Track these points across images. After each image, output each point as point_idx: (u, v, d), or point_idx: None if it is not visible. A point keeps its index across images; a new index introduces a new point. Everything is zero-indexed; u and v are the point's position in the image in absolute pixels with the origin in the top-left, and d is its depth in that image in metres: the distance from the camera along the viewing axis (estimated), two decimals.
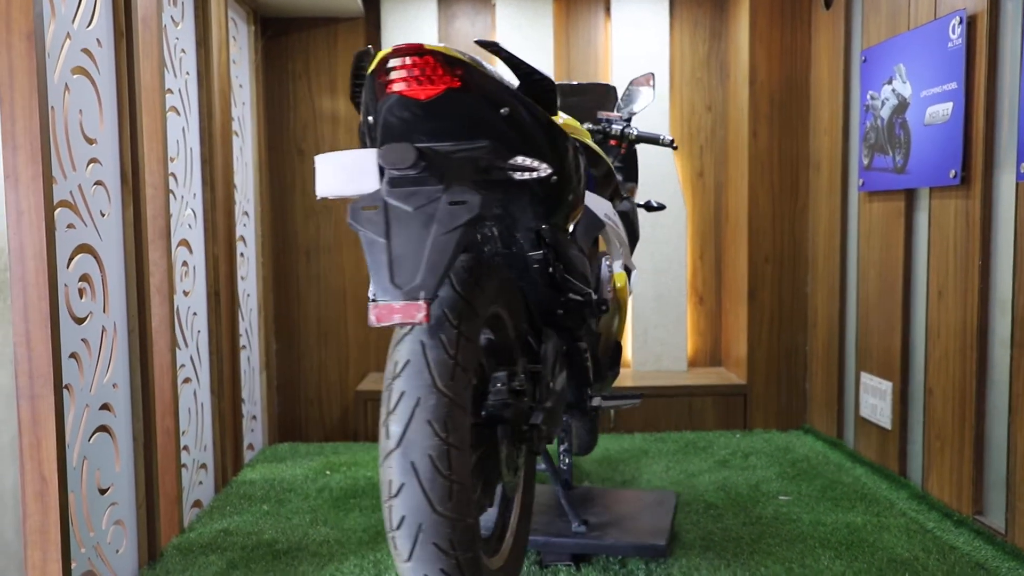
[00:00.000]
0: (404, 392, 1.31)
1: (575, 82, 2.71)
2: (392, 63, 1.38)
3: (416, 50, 1.37)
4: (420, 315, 1.25)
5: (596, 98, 2.64)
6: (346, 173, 1.40)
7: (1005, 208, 2.33)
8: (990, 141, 2.38)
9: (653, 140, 2.41)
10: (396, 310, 1.25)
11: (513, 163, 1.46)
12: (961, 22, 2.43)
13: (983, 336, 2.42)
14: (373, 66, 1.41)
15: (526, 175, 1.46)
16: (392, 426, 1.30)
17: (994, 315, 2.39)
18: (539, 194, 1.58)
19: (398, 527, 1.30)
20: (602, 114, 2.51)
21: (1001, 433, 2.36)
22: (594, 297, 1.81)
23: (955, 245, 2.52)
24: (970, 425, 2.46)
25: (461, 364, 1.33)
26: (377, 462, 3.20)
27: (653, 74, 2.57)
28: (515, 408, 1.55)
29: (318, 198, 1.45)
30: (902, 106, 2.76)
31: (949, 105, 2.51)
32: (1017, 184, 2.25)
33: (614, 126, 2.45)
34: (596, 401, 1.87)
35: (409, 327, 1.33)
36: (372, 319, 1.27)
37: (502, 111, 1.48)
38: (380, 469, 1.32)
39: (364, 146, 1.54)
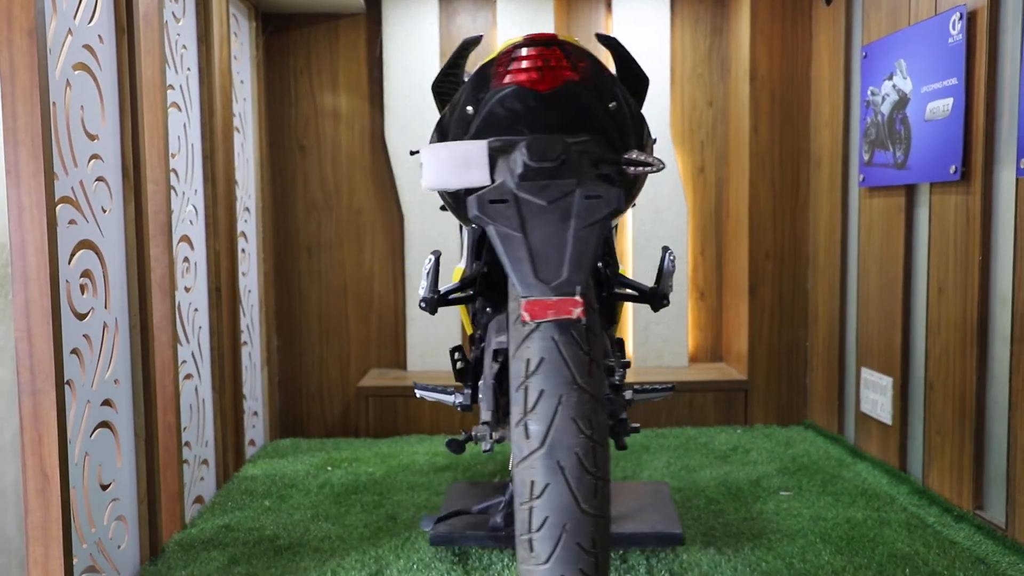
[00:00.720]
0: (543, 390, 1.27)
1: None
2: (520, 52, 1.37)
3: (549, 40, 1.37)
4: (577, 311, 1.24)
5: None
6: (456, 164, 1.40)
7: (1005, 204, 2.33)
8: (990, 137, 2.38)
9: None
10: (550, 306, 1.24)
11: (629, 157, 1.44)
12: (961, 18, 2.43)
13: (983, 331, 2.43)
14: (494, 55, 1.40)
15: (640, 170, 1.44)
16: (533, 426, 1.26)
17: (994, 310, 2.40)
18: (624, 188, 1.56)
19: (539, 528, 1.25)
20: None
21: (1001, 428, 2.36)
22: (656, 290, 1.75)
23: (955, 241, 2.52)
24: (970, 420, 2.46)
25: (594, 359, 1.30)
26: (366, 459, 3.20)
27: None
28: (616, 402, 1.53)
29: (426, 188, 1.43)
30: (902, 102, 2.76)
31: (949, 101, 2.50)
32: (1017, 180, 2.25)
33: None
34: (629, 394, 1.86)
35: (536, 324, 1.29)
36: (526, 316, 1.24)
37: (610, 105, 1.47)
38: (516, 471, 1.28)
39: (444, 138, 1.52)
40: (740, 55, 3.58)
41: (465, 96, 1.47)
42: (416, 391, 2.14)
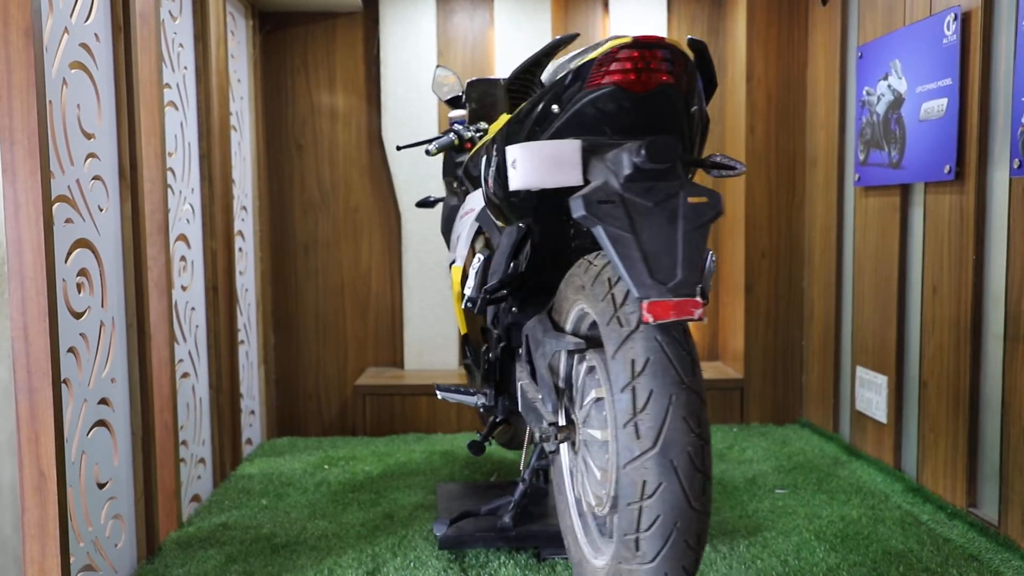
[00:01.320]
0: (652, 391, 1.27)
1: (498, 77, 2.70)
2: (624, 53, 1.38)
3: (654, 42, 1.37)
4: (698, 312, 1.24)
5: None
6: (549, 164, 1.40)
7: (999, 203, 2.34)
8: (984, 137, 2.39)
9: None
10: (672, 307, 1.23)
11: (715, 160, 1.44)
12: (956, 18, 2.44)
13: (977, 330, 2.44)
14: (596, 54, 1.40)
15: (725, 173, 1.45)
16: (644, 426, 1.26)
17: (987, 309, 2.41)
18: None
19: (648, 528, 1.26)
20: None
21: (994, 426, 2.37)
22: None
23: (949, 240, 2.53)
24: (964, 418, 2.47)
25: (695, 358, 1.32)
26: (363, 458, 3.20)
27: None
28: None
29: (514, 188, 1.43)
30: (898, 102, 2.77)
31: (944, 101, 2.51)
32: (1011, 180, 2.26)
33: None
34: None
35: (637, 326, 1.30)
36: (649, 317, 1.23)
37: (692, 109, 1.47)
38: (626, 471, 1.28)
39: (514, 138, 1.52)
40: (736, 56, 3.59)
41: (552, 95, 1.47)
42: (437, 393, 2.18)
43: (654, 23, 3.67)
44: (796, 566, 2.17)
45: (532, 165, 1.41)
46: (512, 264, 1.70)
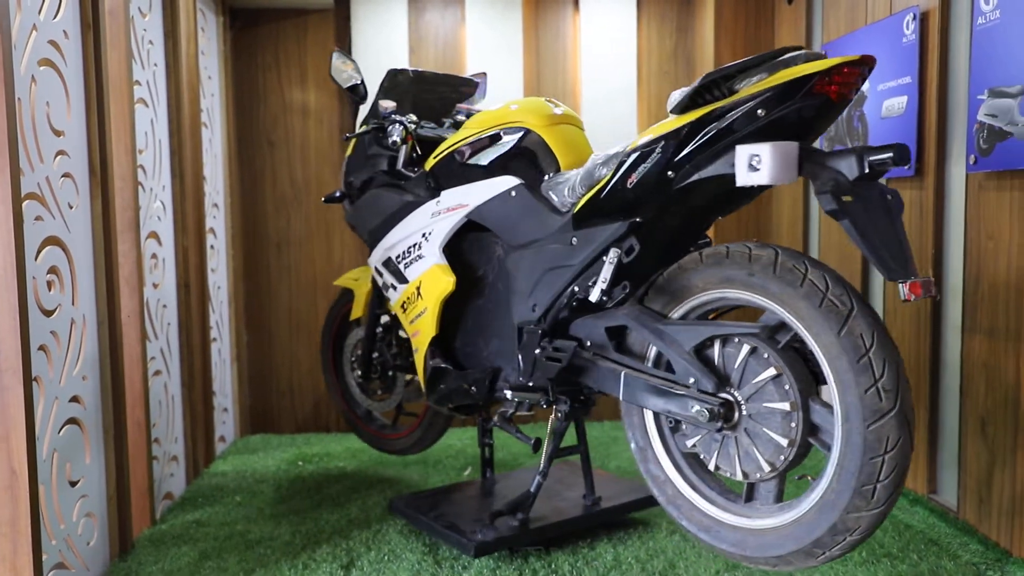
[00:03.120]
0: (886, 359, 1.51)
1: (439, 72, 2.70)
2: (845, 68, 1.57)
3: (868, 62, 1.59)
4: (934, 290, 1.53)
5: (457, 90, 2.70)
6: (789, 163, 1.59)
7: (956, 199, 2.41)
8: (942, 133, 2.46)
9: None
10: (920, 286, 1.49)
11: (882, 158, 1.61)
12: (915, 18, 2.50)
13: (936, 321, 2.50)
14: (823, 66, 1.56)
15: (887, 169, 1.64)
16: (885, 390, 1.51)
17: (946, 301, 2.47)
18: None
19: (887, 477, 1.52)
20: (461, 107, 2.67)
21: (953, 415, 2.44)
22: None
23: (910, 234, 2.59)
24: (924, 407, 2.54)
25: (887, 330, 1.58)
26: (337, 454, 3.21)
27: (485, 73, 2.75)
28: None
29: (771, 182, 1.59)
30: (860, 99, 2.83)
31: (904, 99, 2.58)
32: (967, 175, 2.32)
33: (459, 117, 2.63)
34: None
35: (852, 307, 1.54)
36: (911, 296, 1.49)
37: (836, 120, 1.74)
38: (871, 430, 1.52)
39: (719, 136, 1.67)
40: (705, 53, 3.64)
41: (767, 99, 1.61)
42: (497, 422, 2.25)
43: (624, 21, 3.71)
44: None
45: (780, 163, 1.58)
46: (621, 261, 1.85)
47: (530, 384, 2.07)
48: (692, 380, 1.76)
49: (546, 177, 2.09)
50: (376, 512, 2.58)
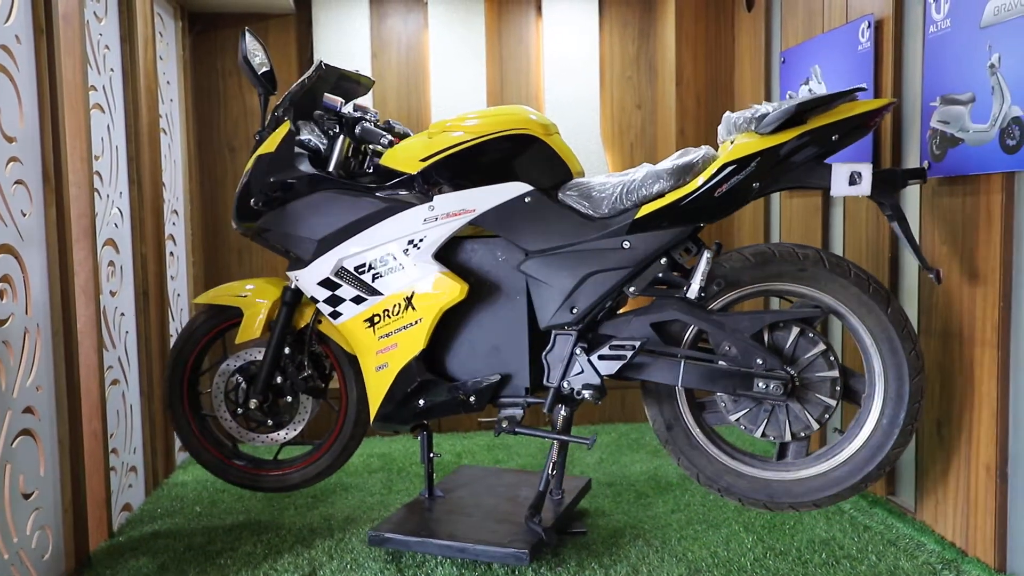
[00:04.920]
0: (913, 330, 2.13)
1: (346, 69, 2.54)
2: (885, 109, 2.05)
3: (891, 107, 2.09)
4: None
5: (359, 87, 2.57)
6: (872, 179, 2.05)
7: (911, 203, 2.45)
8: (898, 140, 2.50)
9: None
10: (940, 273, 2.13)
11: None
12: (870, 26, 2.55)
13: None
14: (875, 106, 2.03)
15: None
16: (919, 352, 2.11)
17: (903, 305, 2.51)
18: None
19: (919, 418, 2.12)
20: (358, 104, 2.51)
21: None
22: None
23: (867, 239, 2.63)
24: None
25: None
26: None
27: (373, 80, 2.68)
28: None
29: (863, 195, 2.06)
30: None
31: None
32: None
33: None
34: None
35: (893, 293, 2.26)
36: (939, 280, 2.11)
37: None
38: (915, 382, 2.09)
39: (801, 151, 2.05)
40: (666, 59, 3.67)
41: (842, 127, 2.03)
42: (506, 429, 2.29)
43: (586, 26, 3.73)
44: (725, 557, 2.24)
45: (873, 179, 2.05)
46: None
47: (563, 385, 2.20)
48: (760, 361, 2.11)
49: (563, 184, 2.23)
50: (338, 520, 2.56)
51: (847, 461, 2.14)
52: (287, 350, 2.44)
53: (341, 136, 2.33)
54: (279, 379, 2.46)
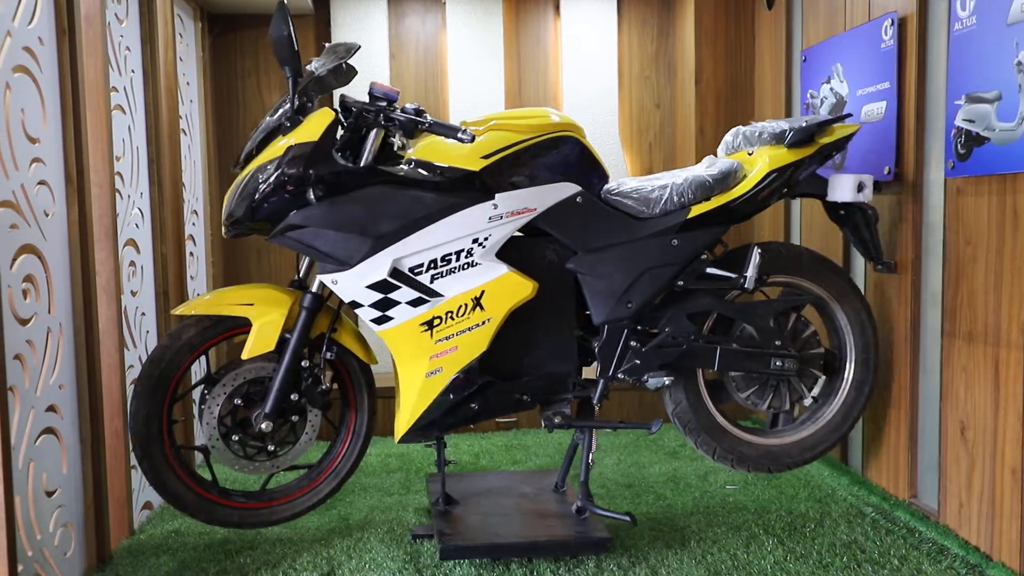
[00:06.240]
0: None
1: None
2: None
3: None
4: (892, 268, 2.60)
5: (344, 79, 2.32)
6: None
7: (935, 203, 2.42)
8: (920, 138, 2.47)
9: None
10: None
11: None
12: (893, 24, 2.52)
13: (916, 326, 2.52)
14: (855, 130, 2.43)
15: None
16: (876, 328, 2.55)
17: (925, 306, 2.49)
18: None
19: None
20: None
21: (933, 419, 2.45)
22: None
23: (890, 239, 2.61)
24: (905, 412, 2.55)
25: None
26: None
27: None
28: None
29: (845, 201, 2.42)
30: (840, 104, 2.85)
31: (883, 104, 2.59)
32: (945, 180, 2.34)
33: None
34: None
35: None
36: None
37: None
38: (879, 354, 2.54)
39: (807, 161, 2.38)
40: (686, 58, 3.65)
41: (841, 145, 2.43)
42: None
43: (604, 26, 3.71)
44: (745, 559, 2.22)
45: (871, 187, 2.41)
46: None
47: (618, 377, 2.33)
48: (778, 343, 2.40)
49: (602, 185, 2.33)
50: (356, 520, 2.56)
51: (828, 423, 2.51)
52: (304, 362, 2.24)
53: (375, 128, 2.15)
54: (293, 397, 2.25)
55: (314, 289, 2.24)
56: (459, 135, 2.10)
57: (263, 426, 2.21)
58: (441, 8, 3.67)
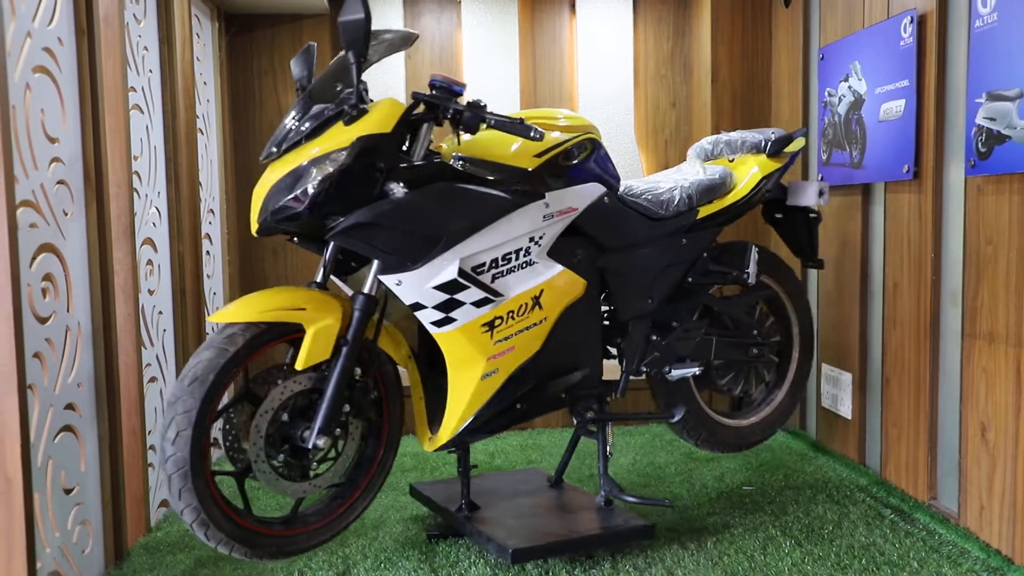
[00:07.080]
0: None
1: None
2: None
3: None
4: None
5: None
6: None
7: (955, 202, 2.40)
8: (940, 137, 2.45)
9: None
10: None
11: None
12: (912, 21, 2.49)
13: (935, 327, 2.49)
14: (803, 143, 2.72)
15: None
16: (814, 318, 2.83)
17: (945, 307, 2.46)
18: None
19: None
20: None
21: (953, 420, 2.43)
22: None
23: (909, 238, 2.58)
24: (925, 413, 2.53)
25: None
26: None
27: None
28: None
29: (817, 205, 2.66)
30: (858, 103, 2.83)
31: (902, 102, 2.57)
32: (966, 179, 2.32)
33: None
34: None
35: None
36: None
37: None
38: (817, 339, 2.68)
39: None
40: (702, 56, 3.64)
41: (794, 157, 2.70)
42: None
43: (620, 24, 3.70)
44: (762, 562, 2.21)
45: (828, 193, 2.67)
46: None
47: (641, 370, 2.42)
48: (755, 332, 2.63)
49: (621, 186, 2.39)
50: (372, 519, 2.57)
51: (783, 399, 2.79)
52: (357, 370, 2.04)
53: (428, 122, 2.03)
54: (346, 409, 2.03)
55: (366, 290, 2.03)
56: (531, 134, 2.00)
57: (319, 442, 1.95)
58: (456, 7, 3.67)
